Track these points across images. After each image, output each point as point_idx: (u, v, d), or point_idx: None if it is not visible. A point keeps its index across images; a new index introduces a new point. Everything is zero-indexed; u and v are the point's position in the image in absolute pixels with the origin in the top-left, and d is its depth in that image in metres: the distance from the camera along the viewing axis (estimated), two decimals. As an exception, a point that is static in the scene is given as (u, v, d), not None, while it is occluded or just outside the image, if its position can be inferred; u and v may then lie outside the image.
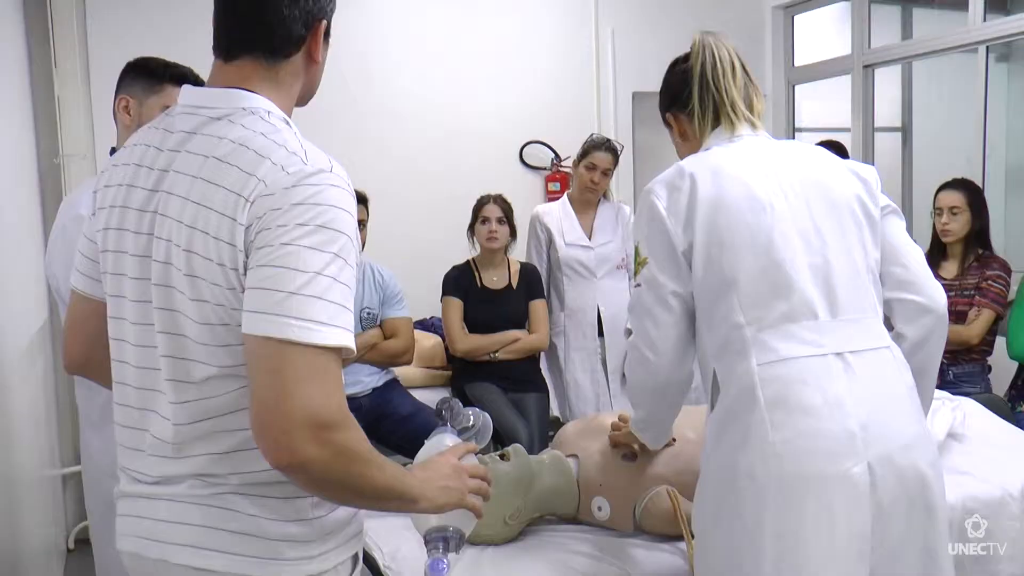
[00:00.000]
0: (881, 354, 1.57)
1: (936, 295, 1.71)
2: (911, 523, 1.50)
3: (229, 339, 1.15)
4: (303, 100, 1.34)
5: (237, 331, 1.12)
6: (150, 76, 2.07)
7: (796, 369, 1.50)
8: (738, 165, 1.64)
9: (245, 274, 1.11)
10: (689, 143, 1.80)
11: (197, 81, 2.06)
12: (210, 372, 1.17)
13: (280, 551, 1.18)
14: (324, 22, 1.27)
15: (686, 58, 1.78)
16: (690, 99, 1.74)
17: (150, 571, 1.24)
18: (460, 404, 1.59)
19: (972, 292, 3.42)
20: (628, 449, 2.15)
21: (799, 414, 1.48)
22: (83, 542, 3.59)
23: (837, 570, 1.46)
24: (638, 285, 1.68)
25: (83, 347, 1.41)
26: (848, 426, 1.47)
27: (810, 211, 1.61)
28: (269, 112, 1.22)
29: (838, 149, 3.76)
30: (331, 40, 1.35)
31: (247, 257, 1.11)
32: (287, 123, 1.23)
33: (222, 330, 1.15)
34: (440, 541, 1.35)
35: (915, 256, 1.73)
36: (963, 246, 3.51)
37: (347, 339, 1.10)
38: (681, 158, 1.80)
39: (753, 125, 1.73)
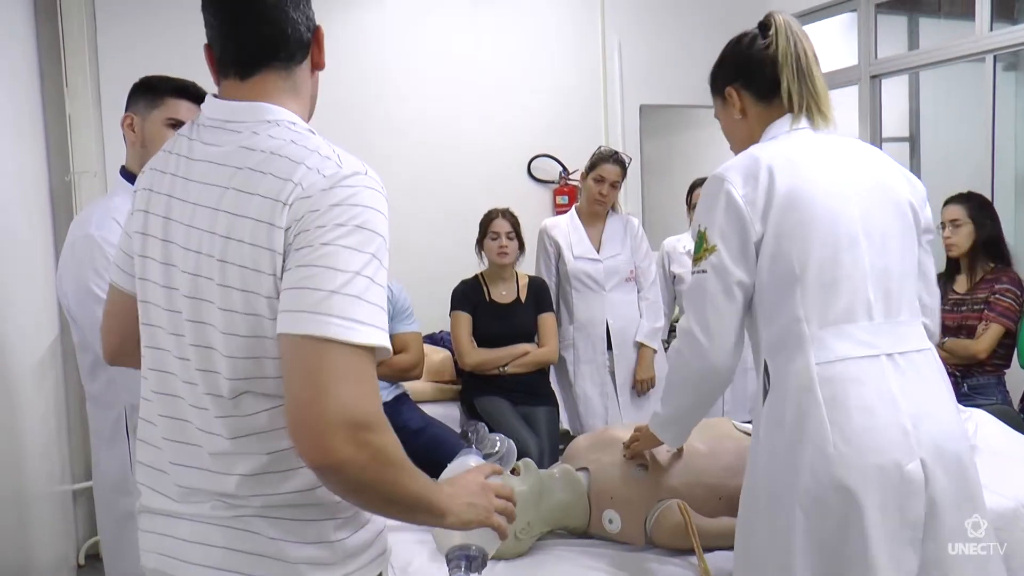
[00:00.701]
0: (926, 355, 1.63)
1: (938, 328, 1.82)
2: (961, 516, 1.56)
3: (256, 351, 1.15)
4: (307, 118, 1.34)
5: (265, 344, 1.13)
6: (151, 91, 2.10)
7: (853, 369, 1.55)
8: (813, 159, 1.65)
9: (282, 278, 1.11)
10: (747, 123, 1.77)
11: (199, 93, 2.09)
12: (237, 388, 1.16)
13: (302, 573, 1.17)
14: (322, 28, 1.31)
15: (762, 34, 1.74)
16: (780, 79, 1.69)
17: None
18: (487, 428, 1.59)
19: (982, 307, 3.41)
20: (643, 459, 2.15)
21: (856, 413, 1.52)
22: (93, 557, 3.60)
23: (892, 558, 1.51)
24: (703, 271, 1.64)
25: (119, 337, 1.42)
26: (902, 424, 1.52)
27: (876, 212, 1.64)
28: (294, 123, 1.23)
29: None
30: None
31: (285, 260, 1.11)
32: (312, 132, 1.24)
33: (251, 342, 1.15)
34: (463, 560, 1.33)
35: (935, 287, 1.81)
36: (970, 259, 3.50)
37: (385, 339, 1.10)
38: (731, 135, 1.82)
39: (827, 118, 1.71)
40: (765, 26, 1.74)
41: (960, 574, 1.56)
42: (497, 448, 1.55)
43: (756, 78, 1.73)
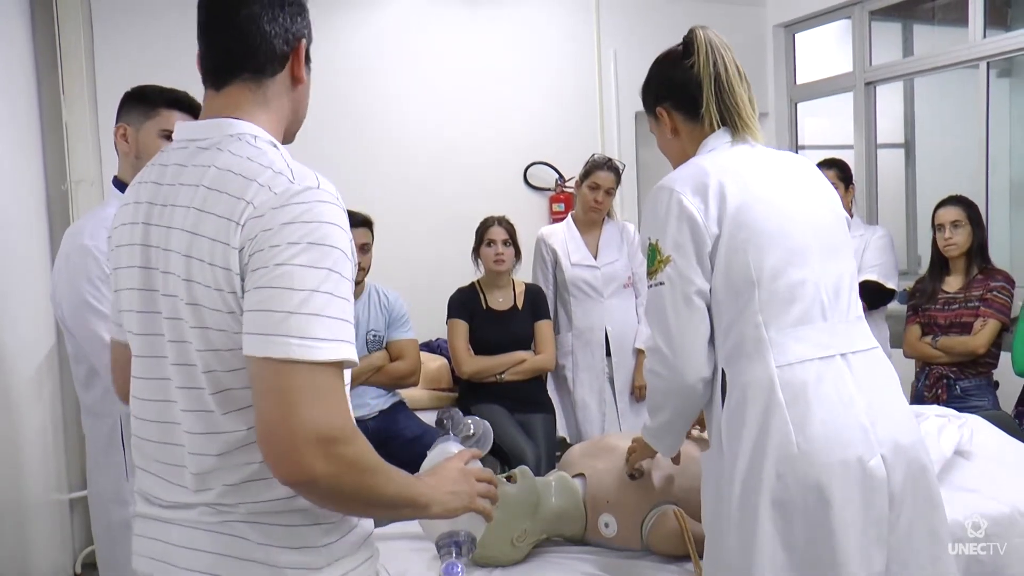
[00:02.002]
0: (875, 354, 1.67)
1: None
2: (918, 508, 1.59)
3: (234, 363, 1.16)
4: (291, 131, 1.36)
5: (240, 356, 1.13)
6: (145, 102, 2.09)
7: (811, 370, 1.57)
8: (759, 171, 1.68)
9: (243, 297, 1.12)
10: (680, 141, 1.77)
11: (192, 104, 2.09)
12: (221, 401, 1.18)
13: None
14: (304, 42, 1.31)
15: (686, 53, 1.74)
16: (700, 100, 1.71)
17: None
18: (460, 413, 1.61)
19: (977, 304, 3.46)
20: (642, 467, 2.16)
21: (818, 413, 1.54)
22: (90, 566, 3.59)
23: (862, 554, 1.53)
24: (659, 284, 1.63)
25: (127, 384, 1.42)
26: (861, 421, 1.55)
27: (821, 219, 1.70)
28: (255, 136, 1.23)
29: (840, 167, 3.77)
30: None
31: (243, 280, 1.12)
32: (274, 145, 1.24)
33: (227, 355, 1.16)
34: (452, 545, 1.37)
35: None
36: (966, 260, 3.55)
37: (348, 351, 1.11)
38: (666, 152, 1.83)
39: (754, 133, 1.73)
40: (688, 43, 1.74)
41: (919, 569, 1.59)
42: (473, 431, 1.58)
43: (682, 98, 1.74)
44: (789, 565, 1.54)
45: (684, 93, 1.73)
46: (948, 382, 3.46)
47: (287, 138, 1.35)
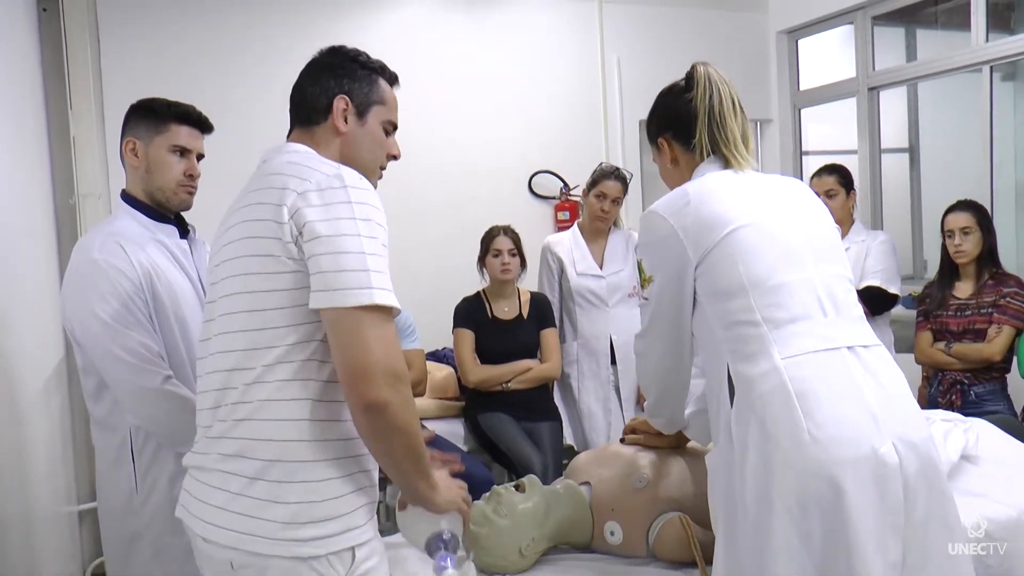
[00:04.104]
0: (880, 350, 1.71)
1: None
2: (932, 501, 1.60)
3: (266, 321, 1.43)
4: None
5: (288, 313, 1.41)
6: (154, 117, 2.10)
7: (817, 361, 1.61)
8: (739, 185, 1.77)
9: (297, 246, 1.40)
10: (679, 170, 1.89)
11: (201, 119, 2.11)
12: (246, 363, 1.44)
13: (272, 531, 1.38)
14: (344, 98, 1.60)
15: (687, 87, 1.85)
16: (694, 131, 1.82)
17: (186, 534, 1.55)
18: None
19: (990, 310, 3.43)
20: (639, 443, 2.25)
21: (827, 402, 1.57)
22: (99, 578, 3.61)
23: (877, 543, 1.53)
24: (645, 299, 1.83)
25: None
26: (871, 409, 1.58)
27: (812, 226, 1.78)
28: (305, 150, 1.55)
29: (841, 173, 3.77)
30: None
31: (297, 248, 1.40)
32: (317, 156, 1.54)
33: (273, 314, 1.43)
34: (440, 543, 1.60)
35: None
36: (976, 265, 3.52)
37: (394, 299, 1.43)
38: (667, 181, 1.94)
39: (742, 163, 1.82)
40: (689, 78, 1.86)
41: (937, 561, 1.60)
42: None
43: (681, 130, 1.86)
44: (806, 555, 1.55)
45: (682, 124, 1.85)
46: (962, 388, 3.44)
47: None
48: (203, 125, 2.16)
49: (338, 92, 1.60)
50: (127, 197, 2.13)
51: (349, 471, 1.46)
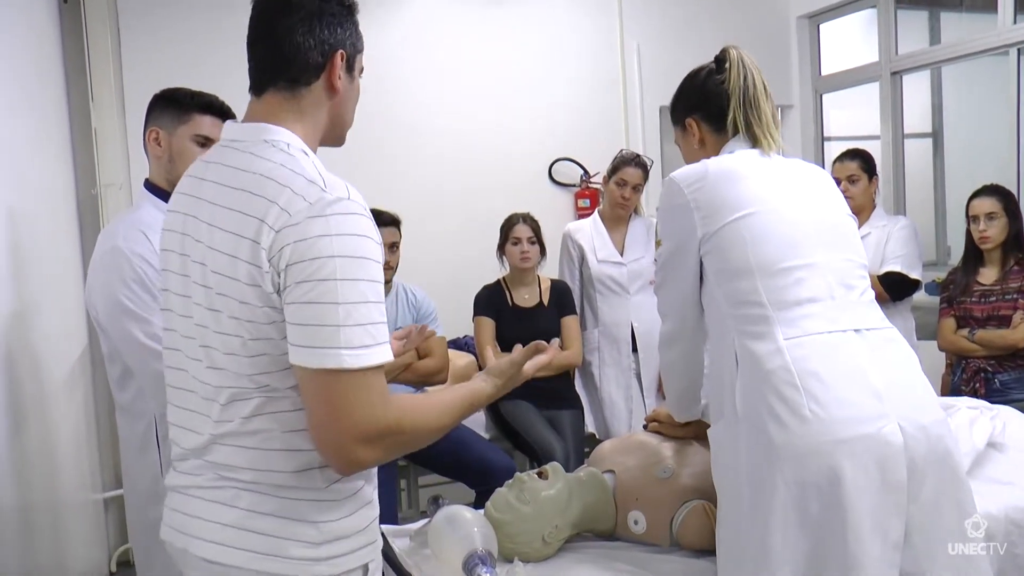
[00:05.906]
0: (891, 332, 1.73)
1: None
2: (942, 480, 1.61)
3: (256, 350, 1.25)
4: (336, 138, 1.43)
5: (262, 344, 1.23)
6: (177, 107, 2.10)
7: (821, 342, 1.63)
8: (761, 167, 1.79)
9: (279, 294, 1.21)
10: (705, 151, 1.90)
11: (224, 109, 2.11)
12: (239, 383, 1.27)
13: (286, 549, 1.27)
14: (342, 52, 1.36)
15: (718, 69, 1.87)
16: (727, 111, 1.84)
17: (180, 559, 1.39)
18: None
19: (1015, 296, 3.39)
20: (659, 430, 2.25)
21: (830, 381, 1.58)
22: (124, 564, 3.65)
23: (875, 523, 1.54)
24: (655, 260, 1.89)
25: None
26: (875, 388, 1.59)
27: (825, 215, 1.79)
28: (288, 144, 1.30)
29: (863, 158, 3.72)
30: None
31: (280, 288, 1.20)
32: (306, 153, 1.30)
33: (250, 344, 1.25)
34: (477, 559, 1.56)
35: None
36: (1001, 251, 3.47)
37: (388, 353, 1.23)
38: (688, 160, 1.94)
39: (770, 145, 1.84)
40: (721, 60, 1.88)
41: (944, 540, 1.60)
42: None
43: (712, 110, 1.88)
44: (803, 532, 1.56)
45: (714, 104, 1.87)
46: (986, 376, 3.41)
47: (334, 142, 1.43)
48: (226, 115, 2.16)
49: (336, 46, 1.34)
50: (150, 186, 2.14)
51: (356, 487, 1.36)
